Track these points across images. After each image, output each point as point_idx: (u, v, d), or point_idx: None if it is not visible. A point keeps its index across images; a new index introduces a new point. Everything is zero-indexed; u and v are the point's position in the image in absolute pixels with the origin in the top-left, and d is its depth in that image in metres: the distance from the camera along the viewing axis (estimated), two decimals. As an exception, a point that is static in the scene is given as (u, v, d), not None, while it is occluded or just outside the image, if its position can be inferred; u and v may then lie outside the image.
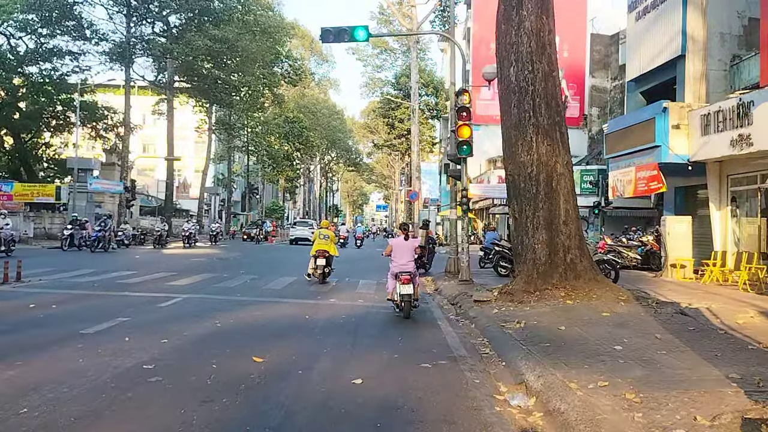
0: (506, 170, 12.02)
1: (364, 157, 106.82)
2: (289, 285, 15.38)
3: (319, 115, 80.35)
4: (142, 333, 8.36)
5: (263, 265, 21.96)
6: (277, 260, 25.55)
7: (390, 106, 59.66)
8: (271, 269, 20.17)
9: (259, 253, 29.99)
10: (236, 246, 35.88)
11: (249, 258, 26.38)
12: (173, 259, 24.01)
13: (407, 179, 68.03)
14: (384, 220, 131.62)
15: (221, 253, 28.76)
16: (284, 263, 23.65)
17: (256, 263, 23.13)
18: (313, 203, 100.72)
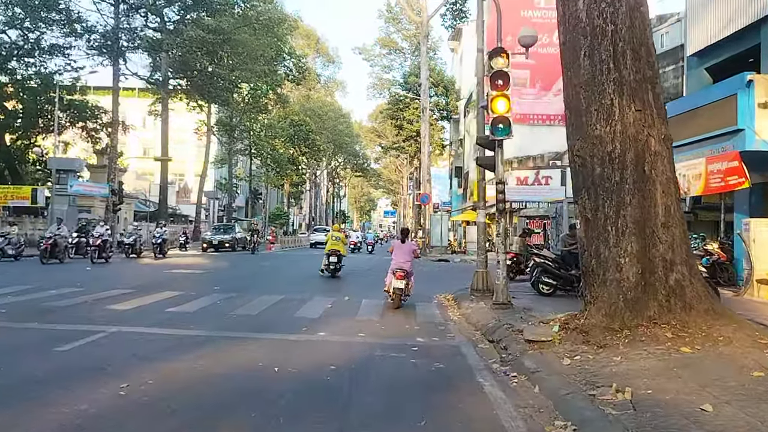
0: (571, 150, 8.18)
1: (372, 162, 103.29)
2: (270, 308, 11.60)
3: (325, 118, 76.77)
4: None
5: (247, 279, 18.18)
6: (265, 272, 21.75)
7: (398, 106, 56.00)
8: (255, 284, 16.40)
9: (250, 263, 26.19)
10: (229, 255, 32.17)
11: (235, 269, 22.55)
12: (141, 272, 20.31)
13: (416, 183, 64.26)
14: (392, 226, 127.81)
15: (205, 263, 25.00)
16: (273, 276, 19.88)
17: (239, 276, 19.35)
18: (320, 209, 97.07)
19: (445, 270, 24.57)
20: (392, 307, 11.89)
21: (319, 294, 14.04)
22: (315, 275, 18.96)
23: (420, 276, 21.22)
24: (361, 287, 16.40)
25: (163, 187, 42.16)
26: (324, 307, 11.94)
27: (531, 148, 42.99)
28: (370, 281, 18.18)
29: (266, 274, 20.85)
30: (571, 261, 13.03)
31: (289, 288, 15.30)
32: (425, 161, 43.31)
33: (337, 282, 17.74)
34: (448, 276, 20.93)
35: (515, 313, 10.28)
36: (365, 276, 20.11)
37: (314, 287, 15.94)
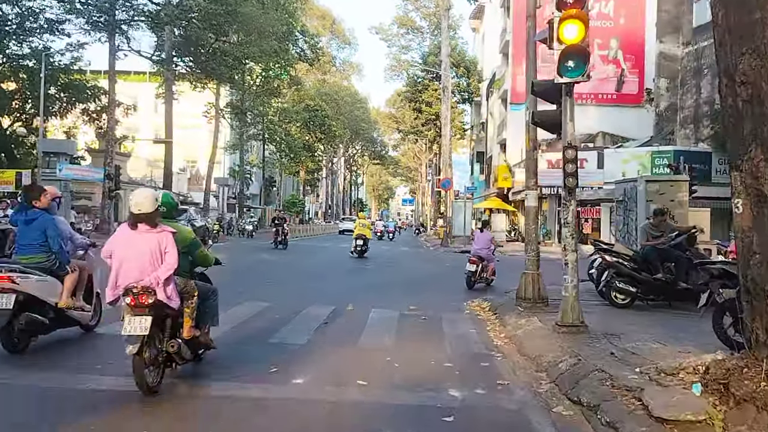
0: (728, 74, 4.55)
1: (390, 149, 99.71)
2: (240, 326, 8.17)
3: (341, 103, 73.26)
4: None
5: (233, 282, 14.85)
6: (258, 269, 18.29)
7: (417, 87, 52.33)
8: (240, 288, 13.04)
9: (246, 256, 22.75)
10: (231, 246, 28.86)
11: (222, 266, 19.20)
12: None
13: (435, 170, 60.58)
14: (410, 214, 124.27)
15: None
16: (266, 276, 16.48)
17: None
18: (337, 197, 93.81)
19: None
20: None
21: (315, 300, 10.62)
22: (321, 273, 15.61)
23: (444, 272, 17.84)
24: (374, 288, 13.00)
25: (168, 171, 38.97)
26: (317, 321, 8.54)
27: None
28: (387, 279, 14.78)
29: (255, 273, 17.45)
30: (655, 260, 9.46)
31: (280, 291, 11.90)
32: (446, 144, 39.64)
33: (347, 280, 14.39)
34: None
35: (594, 341, 6.74)
36: (382, 271, 16.68)
37: (314, 289, 12.55)
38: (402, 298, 11.42)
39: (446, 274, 16.24)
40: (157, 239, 5.00)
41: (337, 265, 18.38)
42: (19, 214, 6.48)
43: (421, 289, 13.39)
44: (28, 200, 6.42)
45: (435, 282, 14.81)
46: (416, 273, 16.70)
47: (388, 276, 15.70)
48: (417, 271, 17.18)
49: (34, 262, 6.14)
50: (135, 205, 4.99)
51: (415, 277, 15.69)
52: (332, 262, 19.52)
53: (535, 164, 10.00)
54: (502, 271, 14.71)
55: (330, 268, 17.22)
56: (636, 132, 37.14)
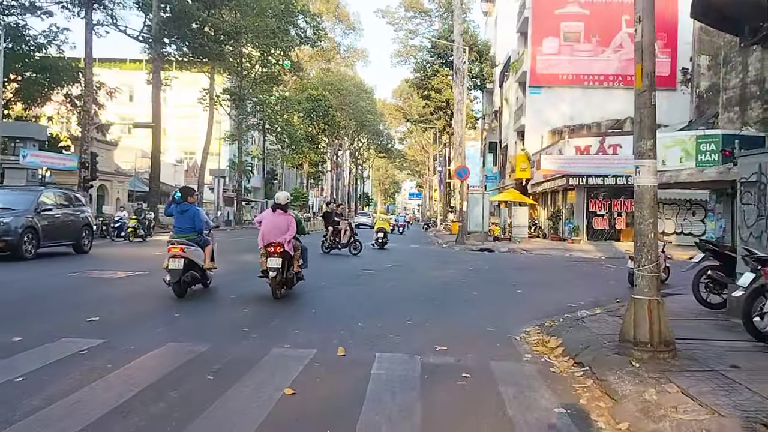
0: None
1: (396, 142, 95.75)
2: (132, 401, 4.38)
3: (345, 93, 69.29)
4: None
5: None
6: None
7: (425, 73, 48.30)
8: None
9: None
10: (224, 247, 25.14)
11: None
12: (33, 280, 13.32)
13: (445, 161, 56.57)
14: (417, 208, 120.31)
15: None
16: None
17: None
18: (342, 191, 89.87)
19: (499, 266, 17.12)
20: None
21: (289, 333, 6.78)
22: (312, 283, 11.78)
23: (467, 278, 13.36)
24: (379, 305, 9.09)
25: (155, 160, 35.20)
26: (287, 379, 4.75)
27: (584, 115, 35.16)
28: (396, 289, 10.88)
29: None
30: None
31: (236, 320, 8.13)
32: (459, 131, 35.65)
33: (343, 289, 10.50)
34: (512, 278, 13.51)
35: None
36: (390, 276, 12.76)
37: (293, 311, 8.69)
38: (420, 323, 7.60)
39: (471, 282, 12.40)
40: (286, 219, 9.30)
41: (330, 268, 14.55)
42: (175, 207, 9.36)
43: (444, 306, 9.52)
44: (183, 197, 9.34)
45: (459, 293, 10.95)
46: (433, 280, 12.83)
47: (398, 284, 11.80)
48: (434, 277, 13.30)
49: (188, 239, 9.10)
50: (277, 199, 9.53)
51: (432, 286, 11.80)
52: (330, 262, 15.70)
53: (653, 111, 5.99)
54: (537, 274, 10.83)
55: (325, 273, 13.41)
56: (668, 117, 33.00)
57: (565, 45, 35.09)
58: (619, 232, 27.48)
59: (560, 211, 30.59)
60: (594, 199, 27.86)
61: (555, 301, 10.05)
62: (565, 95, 35.23)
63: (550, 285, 12.61)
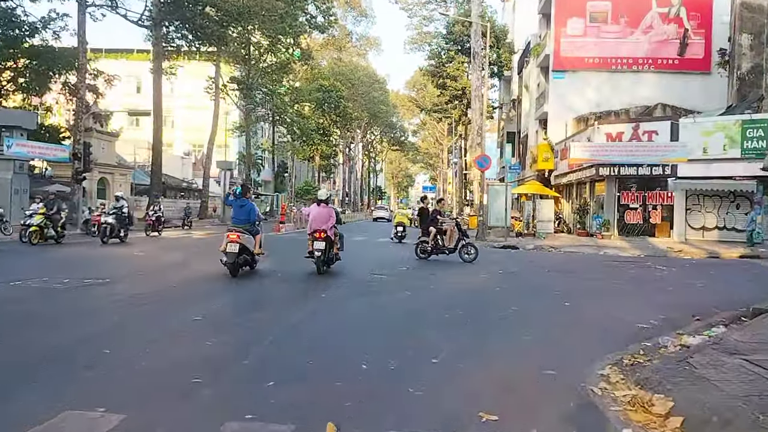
0: None
1: (410, 135, 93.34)
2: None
3: (357, 83, 66.97)
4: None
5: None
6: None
7: (440, 60, 45.80)
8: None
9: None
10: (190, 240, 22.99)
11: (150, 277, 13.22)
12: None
13: (460, 152, 54.10)
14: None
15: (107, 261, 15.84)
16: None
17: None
18: (355, 184, 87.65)
19: (530, 268, 14.76)
20: None
21: (260, 397, 4.56)
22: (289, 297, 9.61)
23: (500, 285, 10.79)
24: (388, 333, 6.74)
25: (156, 151, 33.18)
26: None
27: (610, 101, 32.55)
28: (410, 306, 8.51)
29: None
30: None
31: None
32: (477, 119, 33.22)
33: (343, 306, 8.25)
34: (551, 284, 11.14)
35: None
36: (403, 285, 10.45)
37: (266, 353, 6.46)
38: (450, 363, 5.32)
39: (505, 290, 10.06)
40: (328, 211, 11.60)
41: (333, 269, 12.31)
42: (235, 200, 11.21)
43: (479, 328, 7.19)
44: (243, 193, 11.27)
45: (493, 306, 8.65)
46: (458, 287, 10.53)
47: (416, 295, 9.48)
48: (458, 283, 10.98)
49: (243, 228, 10.76)
50: (319, 196, 12.05)
51: (458, 296, 9.47)
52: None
53: None
54: (578, 279, 8.53)
55: (324, 276, 11.18)
56: (702, 103, 30.45)
57: (591, 26, 32.49)
58: (653, 227, 24.98)
59: (587, 204, 28.10)
60: (626, 191, 25.34)
61: (617, 319, 7.75)
62: (591, 80, 32.68)
63: (600, 294, 10.28)
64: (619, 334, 6.80)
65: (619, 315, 8.09)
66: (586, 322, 7.70)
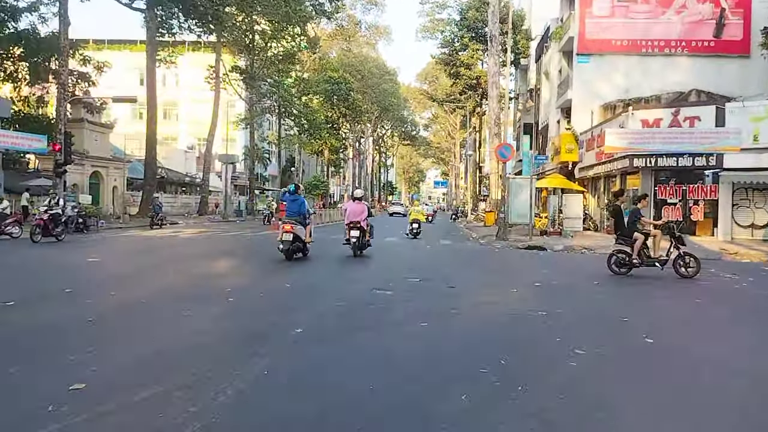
0: None
1: (421, 129, 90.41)
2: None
3: (367, 75, 64.14)
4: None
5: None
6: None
7: (453, 47, 42.89)
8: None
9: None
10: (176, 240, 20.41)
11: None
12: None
13: (474, 144, 51.13)
14: (441, 197, 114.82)
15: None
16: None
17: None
18: (365, 179, 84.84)
19: (573, 278, 11.90)
20: None
21: None
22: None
23: (542, 305, 7.62)
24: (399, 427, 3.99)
25: (150, 143, 30.62)
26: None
27: (640, 87, 29.41)
28: (435, 352, 5.58)
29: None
30: None
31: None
32: (494, 108, 30.35)
33: (333, 350, 5.52)
34: (613, 306, 8.22)
35: None
36: (415, 305, 7.65)
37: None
38: None
39: (554, 318, 7.13)
40: (362, 206, 13.75)
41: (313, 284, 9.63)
42: (289, 196, 13.04)
43: (538, 410, 4.33)
44: (295, 190, 13.06)
45: (547, 353, 5.72)
46: (490, 311, 7.63)
47: (434, 326, 6.60)
48: (489, 306, 8.02)
49: (296, 220, 12.28)
50: (355, 194, 14.77)
51: (493, 330, 6.58)
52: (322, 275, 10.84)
53: None
54: (643, 297, 5.67)
55: (309, 298, 8.49)
56: (739, 89, 27.30)
57: (618, 5, 29.43)
58: (694, 224, 22.01)
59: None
60: (663, 185, 22.38)
61: (749, 386, 4.87)
62: (619, 64, 29.62)
63: (686, 324, 7.39)
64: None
65: (744, 367, 5.26)
66: (707, 394, 4.80)
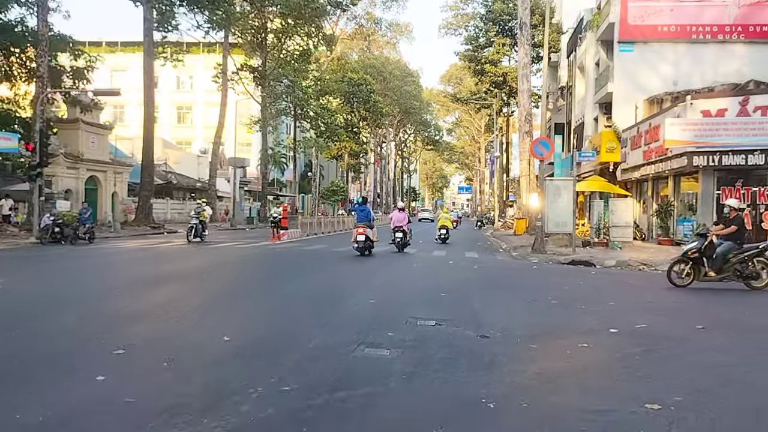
0: None
1: (444, 133, 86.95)
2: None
3: (389, 77, 61.05)
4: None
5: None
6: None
7: (478, 43, 39.52)
8: None
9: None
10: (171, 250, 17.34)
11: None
12: None
13: (500, 146, 47.56)
14: (466, 203, 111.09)
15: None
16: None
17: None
18: (387, 185, 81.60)
19: (647, 308, 8.48)
20: None
21: None
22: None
23: (640, 383, 4.87)
24: None
25: (147, 145, 27.79)
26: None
27: (690, 78, 25.64)
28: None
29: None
30: None
31: None
32: (525, 103, 26.95)
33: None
34: (755, 378, 4.86)
35: None
36: (439, 370, 4.44)
37: None
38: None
39: (669, 418, 3.87)
40: (405, 214, 17.88)
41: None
42: (358, 206, 17.20)
43: None
44: (364, 201, 17.04)
45: None
46: (563, 409, 4.20)
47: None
48: (556, 395, 4.53)
49: (365, 225, 15.59)
50: (399, 205, 19.21)
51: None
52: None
53: None
54: None
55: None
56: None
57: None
58: (765, 234, 18.29)
59: (670, 204, 21.49)
60: (728, 187, 18.74)
61: None
62: (666, 53, 25.97)
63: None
64: None
65: None
66: None
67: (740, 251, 10.21)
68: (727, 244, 10.28)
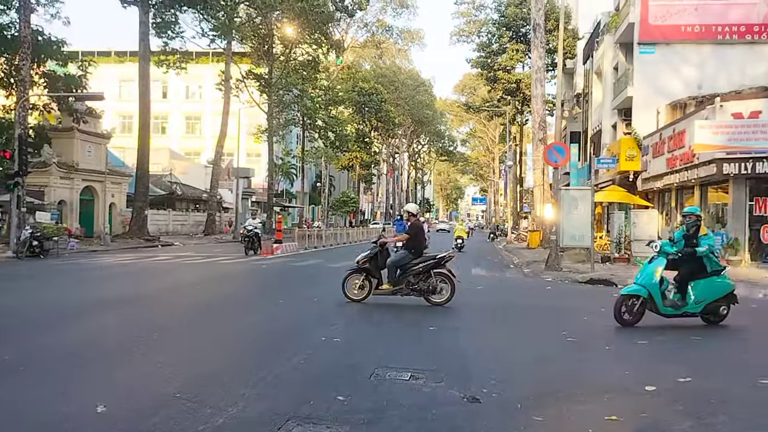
0: None
1: (458, 144, 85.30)
2: None
3: (401, 87, 59.62)
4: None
5: None
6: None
7: (491, 49, 37.91)
8: None
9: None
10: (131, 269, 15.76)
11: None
12: None
13: (514, 156, 45.77)
14: (480, 214, 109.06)
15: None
16: None
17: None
18: (399, 196, 79.97)
19: (693, 353, 6.72)
20: None
21: None
22: None
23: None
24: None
25: (142, 154, 26.54)
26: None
27: (716, 81, 23.73)
28: None
29: None
30: None
31: None
32: (538, 110, 25.26)
33: None
34: None
35: None
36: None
37: None
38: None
39: None
40: (427, 225, 17.55)
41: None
42: (399, 222, 18.28)
43: None
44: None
45: None
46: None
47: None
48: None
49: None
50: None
51: None
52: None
53: None
54: None
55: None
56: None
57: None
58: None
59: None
60: (762, 197, 16.84)
61: None
62: (690, 54, 24.14)
63: None
64: None
65: None
66: None
67: (416, 262, 8.89)
68: (401, 253, 9.04)
